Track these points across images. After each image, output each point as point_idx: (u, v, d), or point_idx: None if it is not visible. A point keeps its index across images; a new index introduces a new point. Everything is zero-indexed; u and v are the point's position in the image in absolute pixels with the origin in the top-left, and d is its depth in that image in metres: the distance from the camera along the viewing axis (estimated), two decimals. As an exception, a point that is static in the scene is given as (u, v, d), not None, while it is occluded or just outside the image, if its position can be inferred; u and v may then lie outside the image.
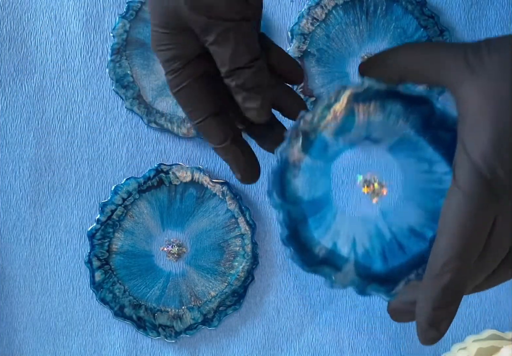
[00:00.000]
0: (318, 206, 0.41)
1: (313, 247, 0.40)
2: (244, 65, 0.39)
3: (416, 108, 0.40)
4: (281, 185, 0.40)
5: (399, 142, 0.42)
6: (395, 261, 0.41)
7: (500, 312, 0.58)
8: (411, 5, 0.57)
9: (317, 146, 0.40)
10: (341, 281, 0.40)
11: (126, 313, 0.56)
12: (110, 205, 0.56)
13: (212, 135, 0.42)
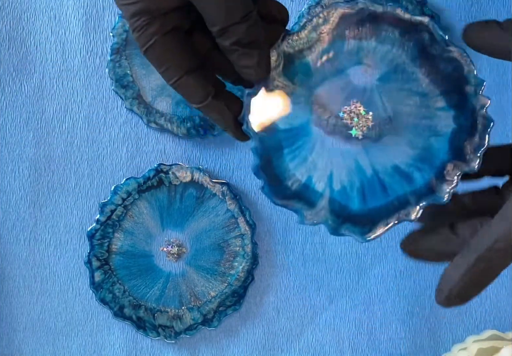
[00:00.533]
0: (295, 135, 0.39)
1: (286, 179, 0.39)
2: (239, 20, 0.36)
3: (414, 36, 0.38)
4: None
5: (392, 72, 0.39)
6: (374, 201, 0.39)
7: (500, 312, 0.58)
8: (411, 4, 0.57)
9: (300, 71, 0.38)
10: (313, 217, 0.38)
11: (126, 313, 0.55)
12: (109, 205, 0.55)
13: (191, 94, 0.39)
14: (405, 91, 0.39)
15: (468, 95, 0.39)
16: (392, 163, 0.39)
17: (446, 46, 0.38)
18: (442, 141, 0.39)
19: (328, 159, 0.39)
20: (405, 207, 0.38)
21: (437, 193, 0.38)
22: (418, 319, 0.58)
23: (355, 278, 0.58)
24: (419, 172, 0.39)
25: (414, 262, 0.58)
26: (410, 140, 0.39)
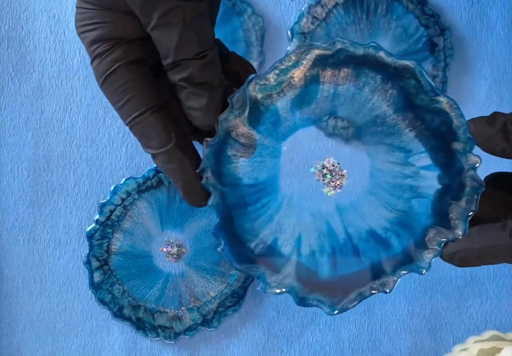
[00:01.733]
0: (260, 192, 0.35)
1: (249, 240, 0.34)
2: (192, 57, 0.32)
3: (398, 83, 0.33)
4: (218, 161, 0.33)
5: (371, 123, 0.35)
6: (346, 268, 0.35)
7: (501, 313, 0.58)
8: (412, 4, 0.57)
9: (267, 119, 0.34)
10: (278, 285, 0.34)
11: (125, 313, 0.55)
12: (109, 205, 0.55)
13: (152, 136, 0.34)
14: (385, 146, 0.35)
15: (456, 153, 0.34)
16: (367, 227, 0.35)
17: (434, 96, 0.33)
18: (425, 204, 0.35)
19: (297, 220, 0.35)
20: (380, 276, 0.34)
21: (417, 262, 0.34)
22: (419, 319, 0.57)
23: (355, 279, 0.57)
24: (397, 238, 0.35)
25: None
26: (388, 202, 0.35)
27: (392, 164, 0.35)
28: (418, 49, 0.57)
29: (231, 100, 0.33)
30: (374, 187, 0.36)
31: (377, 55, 0.32)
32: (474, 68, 0.58)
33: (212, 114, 0.34)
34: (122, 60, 0.33)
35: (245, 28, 0.56)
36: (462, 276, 0.58)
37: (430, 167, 0.34)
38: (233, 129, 0.33)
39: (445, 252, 0.34)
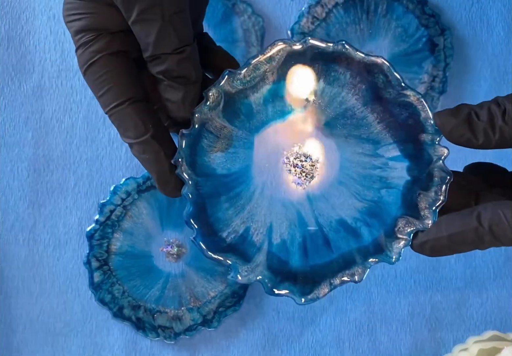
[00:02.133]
0: (233, 182, 0.36)
1: (221, 229, 0.35)
2: (170, 51, 0.34)
3: (367, 78, 0.35)
4: (193, 152, 0.35)
5: (341, 116, 0.36)
6: (317, 258, 0.35)
7: (501, 313, 0.58)
8: (412, 4, 0.57)
9: (241, 112, 0.35)
10: (249, 274, 0.34)
11: (125, 314, 0.55)
12: (109, 205, 0.55)
13: (128, 126, 0.35)
14: (354, 138, 0.36)
15: (425, 144, 0.35)
16: (337, 217, 0.36)
17: (402, 90, 0.34)
18: (394, 194, 0.36)
19: (268, 209, 0.36)
20: (350, 266, 0.35)
21: (387, 252, 0.35)
22: (419, 319, 0.57)
23: (356, 279, 0.57)
24: (367, 228, 0.35)
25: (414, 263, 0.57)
26: (358, 192, 0.36)
27: (361, 155, 0.36)
28: (418, 49, 0.57)
29: (206, 94, 0.34)
30: (344, 178, 0.36)
31: (346, 52, 0.34)
32: (474, 68, 0.58)
33: (187, 107, 0.35)
34: (104, 51, 0.34)
35: (245, 28, 0.56)
36: (462, 276, 0.58)
37: (398, 159, 0.35)
38: (208, 122, 0.35)
39: (415, 242, 0.35)
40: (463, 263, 0.58)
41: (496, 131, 0.33)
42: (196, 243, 0.34)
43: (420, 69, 0.57)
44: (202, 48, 0.37)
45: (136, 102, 0.35)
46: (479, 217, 0.33)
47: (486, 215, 0.33)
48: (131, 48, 0.35)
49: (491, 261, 0.58)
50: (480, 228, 0.33)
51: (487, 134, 0.33)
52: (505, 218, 0.33)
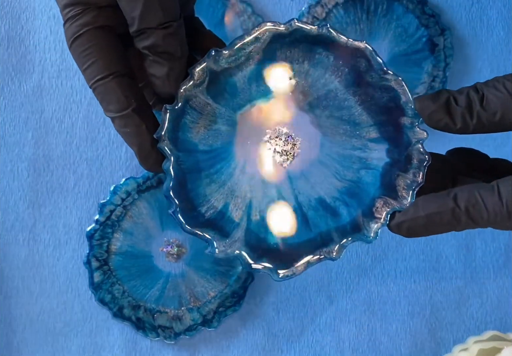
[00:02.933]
0: (215, 158, 0.36)
1: (201, 204, 0.35)
2: (155, 26, 0.34)
3: (350, 61, 0.36)
4: (175, 127, 0.35)
5: (323, 97, 0.37)
6: (296, 236, 0.36)
7: (501, 313, 0.58)
8: (412, 4, 0.57)
9: (225, 90, 0.36)
10: (226, 249, 0.35)
11: (125, 314, 0.55)
12: (109, 205, 0.55)
13: (110, 100, 0.35)
14: (335, 119, 0.37)
15: (404, 127, 0.36)
16: (317, 196, 0.36)
17: (383, 74, 0.35)
18: (373, 175, 0.36)
19: (248, 186, 0.36)
20: (327, 244, 0.36)
21: (364, 231, 0.36)
22: (419, 319, 0.57)
23: (356, 279, 0.57)
24: (346, 207, 0.36)
25: (414, 263, 0.57)
26: (338, 172, 0.37)
27: (342, 136, 0.37)
28: (418, 49, 0.57)
29: (191, 71, 0.35)
30: (324, 157, 0.37)
31: (330, 36, 0.35)
32: (474, 68, 0.58)
33: (172, 83, 0.35)
34: (91, 25, 0.35)
35: (245, 28, 0.56)
36: (462, 276, 0.58)
37: (378, 140, 0.36)
38: (192, 98, 0.35)
39: (392, 223, 0.36)
40: (463, 263, 0.58)
41: (473, 116, 0.34)
42: (175, 217, 0.34)
43: (420, 69, 0.57)
44: (192, 30, 0.38)
45: (120, 76, 0.35)
46: (455, 198, 0.34)
47: (462, 196, 0.34)
48: (118, 24, 0.36)
49: (491, 261, 0.58)
50: (457, 208, 0.34)
51: (464, 120, 0.34)
52: (481, 199, 0.33)
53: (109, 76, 0.35)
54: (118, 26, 0.36)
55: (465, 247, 0.58)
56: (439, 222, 0.34)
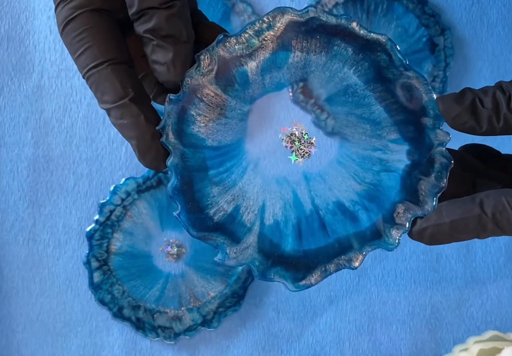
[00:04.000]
0: (224, 155, 0.33)
1: (209, 206, 0.32)
2: (158, 5, 0.31)
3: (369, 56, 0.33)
4: (180, 119, 0.32)
5: (341, 93, 0.34)
6: (312, 242, 0.33)
7: (502, 313, 0.57)
8: (412, 3, 0.57)
9: (235, 80, 0.33)
10: (237, 256, 0.32)
11: (125, 314, 0.55)
12: (108, 205, 0.55)
13: (105, 89, 0.31)
14: (354, 117, 0.34)
15: (426, 128, 0.33)
16: (335, 199, 0.34)
17: (404, 71, 0.33)
18: (394, 178, 0.34)
19: (261, 187, 0.34)
20: (346, 251, 0.33)
21: (385, 238, 0.33)
22: (419, 319, 0.57)
23: (356, 279, 0.57)
24: (366, 212, 0.34)
25: (414, 263, 0.57)
26: (357, 174, 0.34)
27: (361, 135, 0.34)
28: (419, 49, 0.57)
29: (198, 58, 0.32)
30: (343, 157, 0.34)
31: (349, 27, 0.32)
32: (475, 68, 0.58)
33: (178, 70, 0.32)
34: (85, 7, 0.31)
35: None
36: (462, 276, 0.57)
37: (399, 141, 0.34)
38: (199, 88, 0.32)
39: (414, 230, 0.34)
40: (463, 263, 0.58)
41: (500, 119, 0.32)
42: (180, 219, 0.32)
43: (420, 69, 0.57)
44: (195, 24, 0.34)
45: (116, 64, 0.32)
46: (481, 204, 0.32)
47: (489, 202, 0.32)
48: (116, 8, 0.32)
49: (491, 261, 0.58)
50: (483, 215, 0.32)
51: (491, 122, 0.32)
52: (508, 205, 0.32)
53: (104, 63, 0.31)
54: (116, 11, 0.33)
55: (465, 247, 0.58)
56: (464, 228, 0.33)
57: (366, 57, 0.33)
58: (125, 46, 0.33)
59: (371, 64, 0.33)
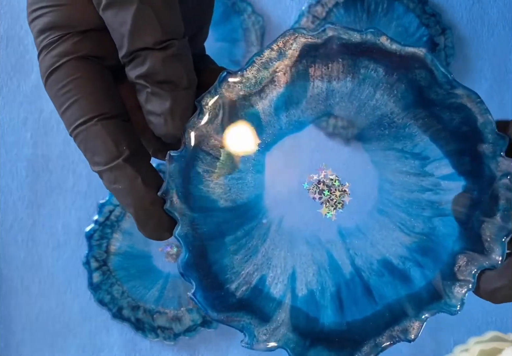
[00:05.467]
0: (241, 217, 0.28)
1: (229, 280, 0.27)
2: (152, 46, 0.26)
3: (406, 74, 0.27)
4: (186, 180, 0.27)
5: (376, 125, 0.29)
6: (356, 311, 0.28)
7: (502, 313, 0.57)
8: (412, 3, 0.57)
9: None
10: (269, 338, 0.27)
11: (125, 314, 0.55)
12: (108, 205, 0.55)
13: (96, 148, 0.27)
14: (395, 153, 0.29)
15: (484, 157, 0.27)
16: (379, 257, 0.28)
17: (451, 89, 0.27)
18: (450, 223, 0.28)
19: (289, 251, 0.28)
20: (400, 320, 0.28)
21: (445, 299, 0.28)
22: (419, 320, 0.57)
23: (356, 279, 0.57)
24: (419, 269, 0.28)
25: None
26: (404, 223, 0.29)
27: (405, 175, 0.29)
28: (419, 49, 0.57)
29: (199, 103, 0.27)
30: (385, 205, 0.29)
31: (377, 42, 0.27)
32: (475, 67, 0.58)
33: (177, 122, 0.27)
34: (71, 54, 0.27)
35: (245, 27, 0.56)
36: (463, 276, 0.57)
37: (453, 177, 0.28)
38: (204, 140, 0.27)
39: (483, 289, 0.28)
40: (463, 263, 0.57)
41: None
42: (196, 300, 0.26)
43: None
44: (199, 69, 0.30)
45: (108, 119, 0.27)
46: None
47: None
48: (107, 53, 0.28)
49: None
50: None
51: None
52: None
53: (93, 118, 0.27)
54: (107, 57, 0.28)
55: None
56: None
57: (401, 77, 0.27)
58: (118, 96, 0.28)
59: (408, 86, 0.27)
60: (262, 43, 0.56)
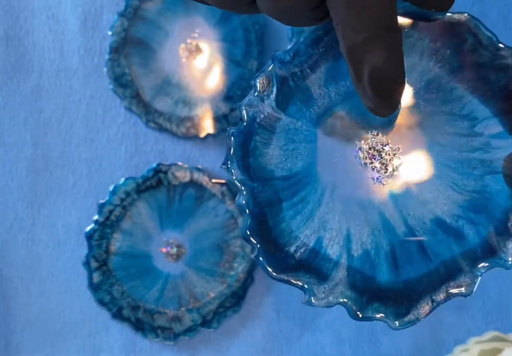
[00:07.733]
0: (296, 184, 0.30)
1: (288, 243, 0.29)
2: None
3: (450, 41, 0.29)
4: (245, 153, 0.30)
5: (423, 90, 0.30)
6: (411, 269, 0.29)
7: (502, 313, 0.57)
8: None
9: (298, 99, 0.30)
10: (327, 296, 0.29)
11: (125, 314, 0.55)
12: (108, 205, 0.55)
13: None
14: (444, 115, 0.29)
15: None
16: (432, 216, 0.29)
17: (497, 51, 0.29)
18: (502, 180, 0.29)
19: (343, 214, 0.30)
20: (455, 276, 0.29)
21: (500, 254, 0.29)
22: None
23: (356, 279, 0.57)
24: (472, 226, 0.29)
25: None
26: (456, 182, 0.29)
27: (454, 136, 0.29)
28: (419, 49, 0.57)
29: (254, 82, 0.29)
30: (435, 166, 0.30)
31: (420, 11, 0.28)
32: (475, 67, 0.58)
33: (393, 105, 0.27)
34: None
35: (245, 27, 0.56)
36: (463, 276, 0.57)
37: (502, 135, 0.29)
38: (260, 115, 0.29)
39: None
40: (464, 263, 0.57)
41: None
42: (259, 263, 0.29)
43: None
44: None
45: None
46: None
47: None
48: None
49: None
50: None
51: None
52: None
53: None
54: None
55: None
56: None
57: (446, 43, 0.29)
58: None
59: (454, 51, 0.29)
60: (262, 43, 0.56)
